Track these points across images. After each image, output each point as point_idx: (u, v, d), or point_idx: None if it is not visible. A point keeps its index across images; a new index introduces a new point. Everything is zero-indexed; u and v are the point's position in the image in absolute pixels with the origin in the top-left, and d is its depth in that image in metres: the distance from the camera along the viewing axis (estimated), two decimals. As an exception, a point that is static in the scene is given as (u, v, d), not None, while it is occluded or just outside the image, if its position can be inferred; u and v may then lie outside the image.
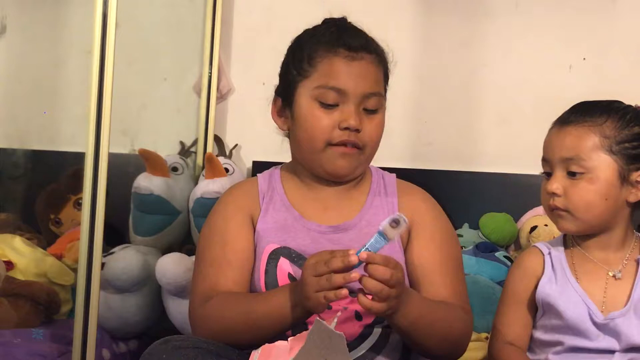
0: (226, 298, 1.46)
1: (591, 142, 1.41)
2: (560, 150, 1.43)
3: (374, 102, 1.51)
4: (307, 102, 1.51)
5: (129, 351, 2.23)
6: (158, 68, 2.71)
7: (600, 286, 1.43)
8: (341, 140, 1.49)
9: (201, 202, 2.33)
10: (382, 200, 1.57)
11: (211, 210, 1.61)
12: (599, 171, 1.41)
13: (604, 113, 1.43)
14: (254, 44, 2.67)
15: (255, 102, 2.29)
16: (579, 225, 1.43)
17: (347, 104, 1.49)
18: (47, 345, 1.99)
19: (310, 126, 1.50)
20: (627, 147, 1.41)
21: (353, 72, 1.49)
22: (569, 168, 1.42)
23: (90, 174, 1.83)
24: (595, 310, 1.40)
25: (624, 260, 1.45)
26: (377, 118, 1.52)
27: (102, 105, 1.81)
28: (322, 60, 1.50)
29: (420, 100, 2.54)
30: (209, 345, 1.35)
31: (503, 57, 2.49)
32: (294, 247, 1.51)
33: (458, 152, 2.53)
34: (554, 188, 1.43)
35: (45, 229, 2.53)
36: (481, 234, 2.35)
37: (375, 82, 1.52)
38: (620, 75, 2.38)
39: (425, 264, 1.51)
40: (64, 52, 2.81)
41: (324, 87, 1.49)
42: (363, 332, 1.48)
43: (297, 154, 1.57)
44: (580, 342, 1.41)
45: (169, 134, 2.67)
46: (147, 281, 2.20)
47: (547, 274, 1.46)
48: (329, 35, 1.52)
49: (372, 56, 1.52)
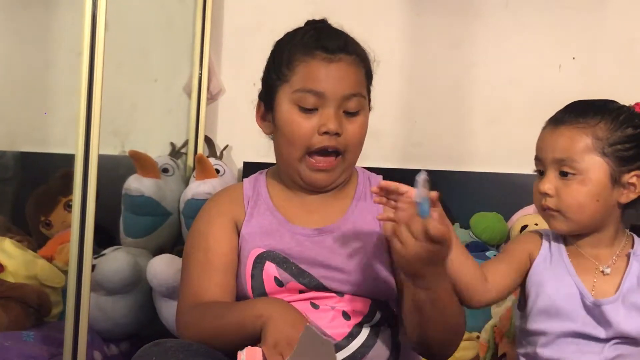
0: (206, 306, 1.46)
1: (583, 143, 1.41)
2: (553, 151, 1.43)
3: (354, 103, 1.50)
4: (286, 107, 1.50)
5: (120, 353, 2.22)
6: (148, 69, 2.70)
7: (590, 278, 1.45)
8: (321, 146, 1.48)
9: (192, 204, 2.32)
10: (368, 203, 1.56)
11: (196, 217, 1.61)
12: (591, 173, 1.41)
13: (598, 114, 1.43)
14: (245, 44, 2.67)
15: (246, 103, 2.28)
16: (570, 225, 1.45)
17: (326, 108, 1.48)
18: (38, 348, 1.98)
19: (289, 131, 1.50)
20: (619, 149, 1.41)
21: (331, 74, 1.48)
22: (561, 169, 1.43)
23: (80, 175, 1.82)
24: (585, 292, 1.42)
25: (613, 257, 1.46)
26: (358, 120, 1.51)
27: (92, 107, 1.81)
28: (299, 63, 1.49)
29: (410, 100, 2.55)
30: (199, 347, 1.35)
31: (493, 57, 2.50)
32: (279, 250, 1.51)
33: (448, 152, 2.53)
34: (546, 188, 1.44)
35: (36, 231, 2.52)
36: (472, 233, 2.35)
37: (355, 83, 1.51)
38: (609, 75, 2.39)
39: None
40: (54, 53, 2.81)
41: (302, 90, 1.48)
42: (352, 331, 1.48)
43: (279, 161, 1.57)
44: (568, 326, 1.41)
45: (159, 135, 2.67)
46: (138, 283, 2.19)
47: (543, 253, 1.48)
48: (307, 38, 1.52)
49: (351, 57, 1.51)
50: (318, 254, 1.50)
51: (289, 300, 1.47)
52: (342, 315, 1.48)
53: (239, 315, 1.39)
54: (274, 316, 1.34)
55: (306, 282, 1.49)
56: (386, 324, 1.52)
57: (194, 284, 1.51)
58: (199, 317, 1.45)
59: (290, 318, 1.35)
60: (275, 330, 1.31)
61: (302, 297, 1.49)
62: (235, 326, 1.38)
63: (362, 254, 1.51)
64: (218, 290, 1.49)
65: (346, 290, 1.49)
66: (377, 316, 1.51)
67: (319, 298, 1.49)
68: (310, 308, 1.48)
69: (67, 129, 1.96)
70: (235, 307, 1.44)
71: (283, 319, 1.34)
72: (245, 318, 1.38)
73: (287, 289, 1.49)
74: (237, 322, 1.39)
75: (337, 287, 1.49)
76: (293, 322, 1.33)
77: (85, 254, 1.84)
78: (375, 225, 1.53)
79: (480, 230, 2.33)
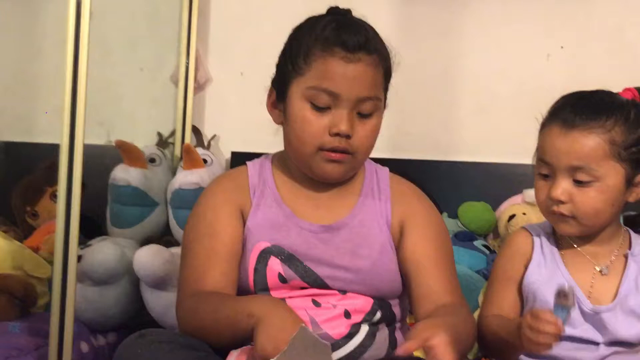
0: (204, 297, 1.43)
1: (601, 150, 1.37)
2: (568, 158, 1.38)
3: (369, 106, 1.46)
4: (299, 102, 1.46)
5: (107, 344, 2.21)
6: (134, 58, 2.68)
7: (587, 279, 1.43)
8: (332, 146, 1.45)
9: (179, 194, 2.31)
10: (375, 198, 1.54)
11: (198, 200, 1.57)
12: (608, 179, 1.38)
13: (611, 115, 1.38)
14: (232, 33, 2.65)
15: (234, 93, 2.29)
16: (582, 230, 1.42)
17: (339, 108, 1.44)
18: (24, 339, 1.97)
19: (300, 128, 1.46)
20: (634, 151, 1.38)
21: (348, 74, 1.43)
22: (576, 176, 1.38)
23: (65, 165, 1.81)
24: (583, 299, 1.40)
25: (612, 256, 1.45)
26: (370, 122, 1.48)
27: (77, 96, 1.79)
28: (317, 59, 1.44)
29: (398, 89, 2.52)
30: (185, 340, 1.33)
31: (481, 47, 2.50)
32: (285, 246, 1.48)
33: (436, 142, 2.53)
34: (559, 195, 1.39)
35: (22, 221, 2.51)
36: (460, 223, 2.35)
37: (372, 86, 1.46)
38: (598, 64, 2.39)
39: (419, 259, 1.50)
40: (39, 42, 2.78)
41: (316, 88, 1.44)
42: (351, 330, 1.46)
43: (289, 151, 1.53)
44: (567, 331, 1.39)
45: (146, 125, 2.65)
46: (125, 273, 2.18)
47: (536, 258, 1.46)
48: (327, 31, 1.46)
49: (371, 57, 1.46)
50: (324, 252, 1.48)
51: (291, 295, 1.46)
52: (344, 314, 1.47)
53: (233, 311, 1.35)
54: (264, 319, 1.28)
55: (310, 280, 1.47)
56: (384, 322, 1.51)
57: (197, 271, 1.47)
58: (195, 307, 1.41)
59: (280, 322, 1.28)
60: (264, 334, 1.26)
61: (304, 294, 1.47)
62: (229, 321, 1.34)
63: (368, 252, 1.49)
64: (222, 279, 1.45)
65: (350, 289, 1.48)
66: (377, 315, 1.49)
67: (321, 295, 1.47)
68: (311, 305, 1.46)
69: (52, 119, 1.94)
70: (230, 302, 1.40)
71: (272, 323, 1.27)
72: (237, 315, 1.33)
73: (290, 285, 1.47)
74: (231, 318, 1.35)
75: (342, 286, 1.47)
76: (282, 326, 1.26)
77: (70, 244, 1.83)
78: (382, 224, 1.52)
79: (468, 219, 2.33)
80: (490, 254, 2.22)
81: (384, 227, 1.52)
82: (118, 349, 1.31)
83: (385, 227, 1.52)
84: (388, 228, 1.52)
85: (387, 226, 1.52)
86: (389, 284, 1.50)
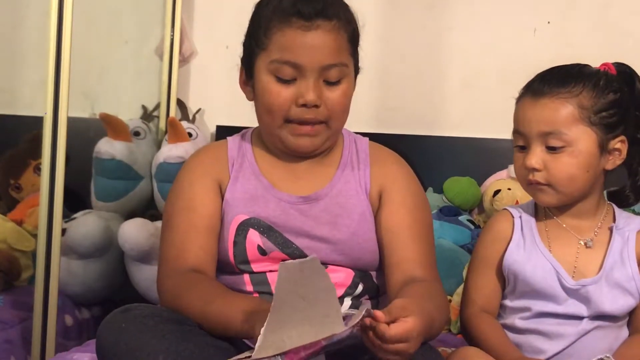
0: (192, 282, 1.41)
1: (570, 114, 1.38)
2: (538, 125, 1.39)
3: (335, 73, 1.44)
4: (264, 77, 1.45)
5: (92, 317, 2.22)
6: (119, 30, 2.66)
7: (572, 253, 1.43)
8: (300, 118, 1.44)
9: (164, 167, 2.31)
10: (354, 168, 1.54)
11: (177, 175, 1.56)
12: (580, 144, 1.38)
13: (579, 82, 1.39)
14: (217, 6, 2.63)
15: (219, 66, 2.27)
16: (560, 198, 1.42)
17: (304, 79, 1.42)
18: (8, 312, 1.97)
19: (267, 102, 1.45)
20: (605, 115, 1.39)
21: (308, 43, 1.41)
22: (548, 143, 1.39)
23: (49, 138, 1.80)
24: (565, 275, 1.41)
25: (595, 229, 1.45)
26: (340, 89, 1.46)
27: (61, 68, 1.78)
28: (276, 32, 1.43)
29: (384, 64, 2.53)
30: (169, 314, 1.33)
31: (468, 21, 2.49)
32: (264, 217, 1.47)
33: (422, 117, 2.53)
34: (533, 163, 1.39)
35: (5, 194, 2.49)
36: (445, 197, 2.36)
37: (335, 52, 1.43)
38: (584, 39, 2.39)
39: (394, 227, 1.49)
40: (22, 13, 2.75)
41: (279, 61, 1.42)
42: None
43: (261, 127, 1.53)
44: (548, 306, 1.41)
45: (130, 98, 2.64)
46: (109, 247, 2.18)
47: (516, 239, 1.46)
48: (284, 2, 1.44)
49: (331, 23, 1.43)
50: (303, 223, 1.48)
51: (271, 269, 1.45)
52: None
53: (226, 309, 1.32)
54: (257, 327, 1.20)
55: (290, 252, 1.46)
56: (367, 295, 1.51)
57: (176, 246, 1.46)
58: (179, 292, 1.39)
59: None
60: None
61: None
62: (220, 318, 1.31)
63: (347, 222, 1.48)
64: (202, 253, 1.45)
65: (330, 261, 1.47)
66: (359, 288, 1.49)
67: None
68: None
69: (36, 91, 1.93)
70: (223, 297, 1.37)
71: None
72: (231, 315, 1.30)
73: (270, 257, 1.46)
74: (223, 315, 1.31)
75: (321, 258, 1.45)
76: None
77: (55, 217, 1.83)
78: (360, 193, 1.51)
79: (453, 194, 2.34)
80: (475, 229, 2.23)
81: (362, 196, 1.51)
82: (102, 323, 1.30)
83: (364, 195, 1.51)
84: (367, 196, 1.51)
85: (365, 194, 1.51)
86: (370, 255, 1.50)
